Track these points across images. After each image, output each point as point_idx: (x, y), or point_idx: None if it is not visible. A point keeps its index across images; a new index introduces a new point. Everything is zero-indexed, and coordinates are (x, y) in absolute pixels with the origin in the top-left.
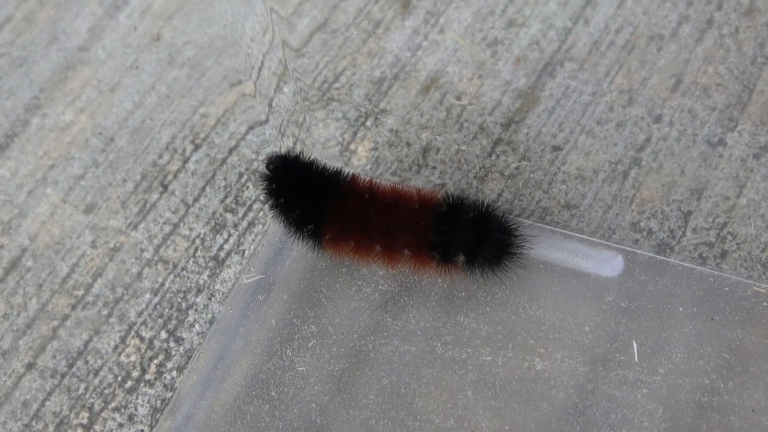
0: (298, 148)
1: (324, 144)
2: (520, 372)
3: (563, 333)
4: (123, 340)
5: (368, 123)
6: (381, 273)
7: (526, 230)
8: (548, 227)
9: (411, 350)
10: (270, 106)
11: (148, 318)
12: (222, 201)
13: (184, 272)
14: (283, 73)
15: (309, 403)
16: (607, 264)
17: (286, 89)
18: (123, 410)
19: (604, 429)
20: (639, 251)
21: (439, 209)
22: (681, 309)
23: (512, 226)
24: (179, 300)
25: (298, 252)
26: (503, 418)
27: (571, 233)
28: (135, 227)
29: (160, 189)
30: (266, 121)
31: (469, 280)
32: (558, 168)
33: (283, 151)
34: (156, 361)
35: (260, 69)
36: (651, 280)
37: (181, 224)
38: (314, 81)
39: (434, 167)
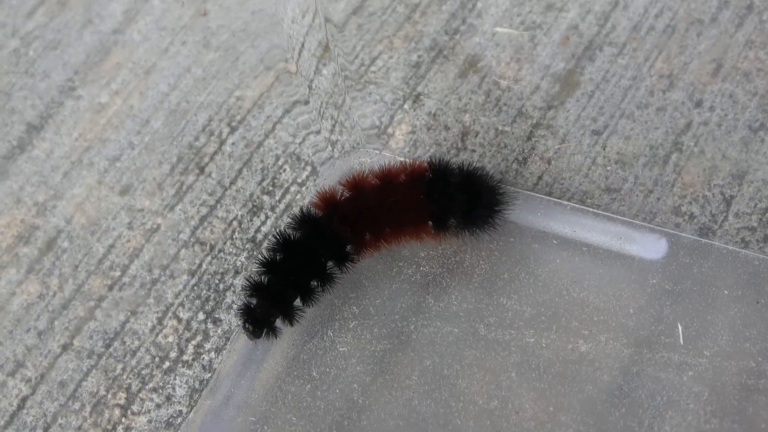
0: (337, 130)
1: (363, 126)
2: (564, 354)
3: (607, 315)
4: (160, 321)
5: (406, 106)
6: (422, 254)
7: (510, 191)
8: (590, 209)
9: (453, 331)
10: (310, 88)
11: (185, 299)
12: (259, 183)
13: (222, 254)
14: (322, 55)
15: (351, 384)
16: (651, 247)
17: (325, 71)
18: (161, 391)
19: (649, 411)
20: (683, 234)
21: (426, 177)
22: (726, 292)
23: (498, 188)
24: (217, 281)
25: None
26: (547, 399)
27: (614, 216)
28: (171, 209)
29: (197, 171)
30: (307, 102)
31: (512, 262)
32: (598, 152)
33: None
34: (194, 342)
35: (300, 51)
36: (695, 263)
37: (218, 206)
38: (351, 64)
39: (473, 150)
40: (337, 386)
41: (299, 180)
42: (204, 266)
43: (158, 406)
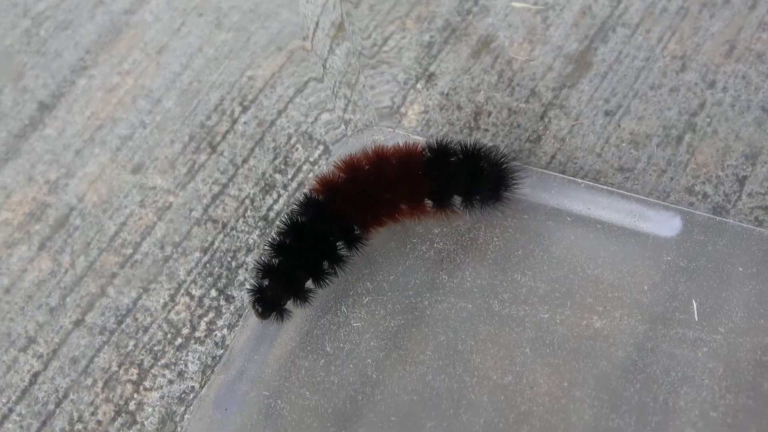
0: (350, 109)
1: (376, 105)
2: (579, 330)
3: (622, 292)
4: (172, 298)
5: (419, 86)
6: (436, 231)
7: (515, 166)
8: (604, 187)
9: (467, 307)
10: (324, 67)
11: (197, 276)
12: (271, 162)
13: (234, 232)
14: (335, 35)
15: (365, 359)
16: (665, 224)
17: (338, 51)
18: (173, 367)
19: (664, 386)
20: (697, 212)
21: (424, 157)
22: (741, 269)
23: (502, 163)
24: (229, 259)
25: None
26: (562, 374)
27: (628, 193)
28: (184, 187)
29: (209, 150)
30: (321, 80)
31: (526, 239)
32: (611, 132)
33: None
34: (206, 319)
35: (315, 30)
36: (710, 241)
37: (231, 184)
38: (365, 41)
39: (486, 130)
40: (351, 361)
41: (311, 159)
42: (216, 244)
43: (170, 382)
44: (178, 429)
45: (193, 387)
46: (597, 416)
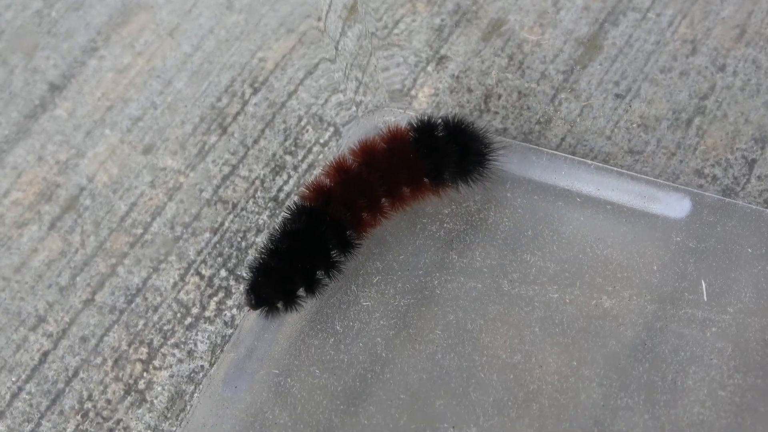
0: (361, 91)
1: (387, 87)
2: (588, 309)
3: (631, 272)
4: (182, 277)
5: (429, 69)
6: (446, 211)
7: (497, 139)
8: (614, 169)
9: (477, 287)
10: (336, 49)
11: (207, 257)
12: (282, 143)
13: (244, 212)
14: (347, 17)
15: (374, 338)
16: (675, 206)
17: (350, 33)
18: (182, 346)
19: (672, 366)
20: (706, 194)
21: (409, 138)
22: (750, 250)
23: (485, 136)
24: (239, 239)
25: None
26: (571, 354)
27: (638, 175)
28: (194, 168)
29: (219, 131)
30: (334, 61)
31: (536, 219)
32: (620, 115)
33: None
34: (216, 299)
35: (328, 11)
36: (719, 222)
37: (241, 165)
38: (378, 22)
39: (496, 112)
40: (361, 340)
41: (322, 140)
42: (226, 224)
43: (180, 361)
44: (188, 407)
45: (202, 366)
46: (606, 395)
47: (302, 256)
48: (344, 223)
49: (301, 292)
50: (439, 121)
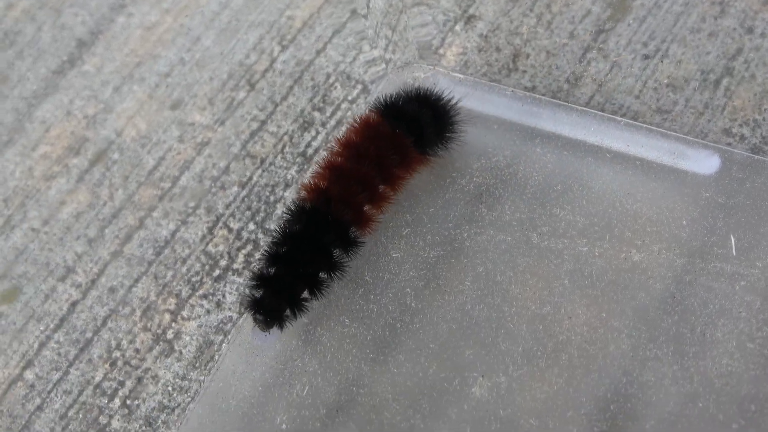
0: (390, 49)
1: (417, 44)
2: (617, 262)
3: (660, 226)
4: (210, 230)
5: (457, 28)
6: (475, 166)
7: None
8: (644, 126)
9: (506, 240)
10: (368, 6)
11: (236, 210)
12: (310, 100)
13: (272, 167)
14: None
15: (404, 288)
16: (704, 162)
17: None
18: (211, 297)
19: (701, 318)
20: (736, 150)
21: (380, 121)
22: None
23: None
24: (267, 193)
25: None
26: (600, 306)
27: (667, 132)
28: (222, 123)
29: (248, 87)
30: (366, 16)
31: (566, 174)
32: (649, 75)
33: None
34: (244, 251)
35: None
36: (748, 178)
37: (269, 121)
38: None
39: (524, 71)
40: (390, 290)
41: (350, 97)
42: (254, 179)
43: (208, 312)
44: (216, 357)
45: (230, 317)
46: (635, 346)
47: (304, 259)
48: (347, 222)
49: (305, 294)
50: (401, 95)
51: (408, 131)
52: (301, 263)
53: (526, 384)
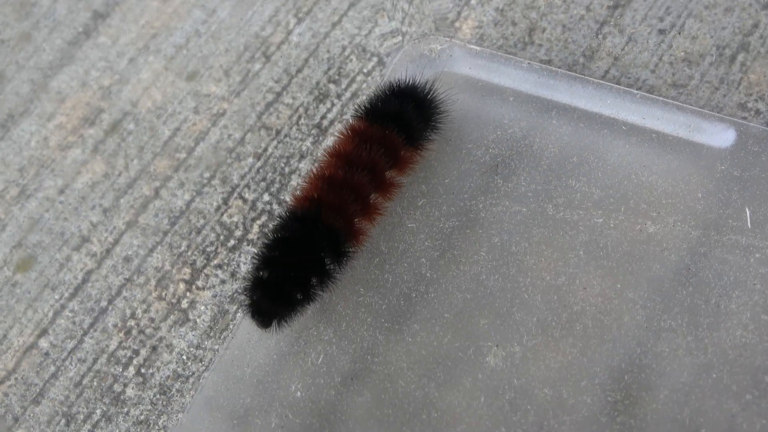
0: (407, 22)
1: (434, 17)
2: (632, 234)
3: (676, 199)
4: (225, 201)
5: (473, 2)
6: (491, 137)
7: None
8: (660, 98)
9: (522, 211)
10: None
11: (251, 181)
12: (325, 72)
13: (287, 138)
14: None
15: (419, 258)
16: (719, 135)
17: None
18: (225, 267)
19: (716, 290)
20: (751, 124)
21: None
22: None
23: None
24: (282, 165)
25: None
26: (615, 277)
27: (683, 105)
28: (238, 95)
29: (263, 59)
30: None
31: (581, 146)
32: (664, 50)
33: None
34: (259, 222)
35: None
36: (764, 151)
37: (284, 93)
38: None
39: (540, 45)
40: (405, 260)
41: (365, 70)
42: (270, 150)
43: (223, 282)
44: (231, 327)
45: (245, 287)
46: (649, 317)
47: (296, 265)
48: (338, 231)
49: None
50: (378, 96)
51: (397, 128)
52: (294, 265)
53: (540, 354)
